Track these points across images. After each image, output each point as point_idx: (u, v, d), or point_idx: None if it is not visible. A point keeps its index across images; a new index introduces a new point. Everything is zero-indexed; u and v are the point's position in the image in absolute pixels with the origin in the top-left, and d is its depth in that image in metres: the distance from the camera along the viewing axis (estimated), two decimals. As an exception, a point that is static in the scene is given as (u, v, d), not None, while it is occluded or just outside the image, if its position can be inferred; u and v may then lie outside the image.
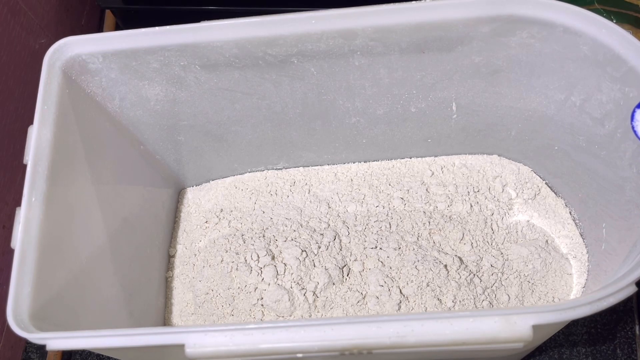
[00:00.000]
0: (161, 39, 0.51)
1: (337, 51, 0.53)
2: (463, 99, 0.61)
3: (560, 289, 0.62)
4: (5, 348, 0.66)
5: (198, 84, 0.57)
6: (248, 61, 0.54)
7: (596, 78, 0.50)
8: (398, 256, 0.63)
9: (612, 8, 0.68)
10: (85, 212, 0.55)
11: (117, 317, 0.58)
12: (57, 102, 0.51)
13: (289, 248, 0.63)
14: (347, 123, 0.64)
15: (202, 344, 0.39)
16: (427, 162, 0.71)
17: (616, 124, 0.51)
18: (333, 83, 0.58)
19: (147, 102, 0.59)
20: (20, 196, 0.47)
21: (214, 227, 0.70)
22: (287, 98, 0.60)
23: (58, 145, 0.50)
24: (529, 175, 0.69)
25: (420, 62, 0.55)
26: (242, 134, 0.66)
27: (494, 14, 0.49)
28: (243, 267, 0.63)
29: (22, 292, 0.44)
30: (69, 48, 0.52)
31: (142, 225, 0.65)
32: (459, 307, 0.60)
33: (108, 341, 0.40)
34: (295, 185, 0.72)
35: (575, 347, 0.64)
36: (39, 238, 0.46)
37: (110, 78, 0.55)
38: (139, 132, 0.63)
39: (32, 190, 0.47)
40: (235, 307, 0.63)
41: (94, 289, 0.55)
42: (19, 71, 0.67)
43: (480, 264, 0.63)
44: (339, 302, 0.62)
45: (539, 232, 0.66)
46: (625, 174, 0.52)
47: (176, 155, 0.68)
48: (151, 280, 0.66)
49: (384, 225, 0.66)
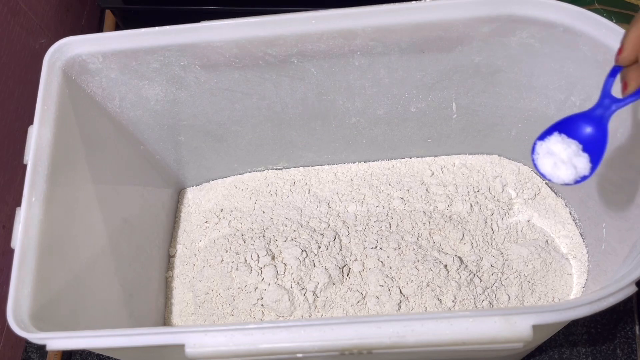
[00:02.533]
0: (161, 39, 0.51)
1: (337, 51, 0.53)
2: (463, 99, 0.61)
3: (560, 289, 0.62)
4: (5, 348, 0.66)
5: (198, 84, 0.57)
6: (248, 61, 0.54)
7: (596, 78, 0.50)
8: (398, 256, 0.63)
9: (612, 8, 0.68)
10: (85, 212, 0.55)
11: (117, 317, 0.58)
12: (57, 102, 0.51)
13: (289, 248, 0.63)
14: (347, 123, 0.64)
15: (202, 344, 0.39)
16: (427, 162, 0.71)
17: (616, 124, 0.51)
18: (333, 83, 0.58)
19: (147, 102, 0.59)
20: (20, 196, 0.47)
21: (214, 227, 0.70)
22: (287, 98, 0.60)
23: (58, 145, 0.50)
24: (529, 175, 0.69)
25: (420, 62, 0.55)
26: (242, 134, 0.66)
27: (494, 14, 0.49)
28: (243, 267, 0.63)
29: (22, 292, 0.44)
30: (69, 48, 0.52)
31: (142, 225, 0.65)
32: (459, 307, 0.60)
33: (108, 341, 0.40)
34: (295, 185, 0.72)
35: (575, 347, 0.64)
36: (39, 238, 0.46)
37: (110, 78, 0.55)
38: (139, 132, 0.63)
39: (32, 190, 0.47)
40: (235, 307, 0.63)
41: (94, 289, 0.55)
42: (19, 71, 0.67)
43: (480, 264, 0.63)
44: (339, 302, 0.62)
45: (539, 232, 0.66)
46: (626, 174, 0.52)
47: (176, 155, 0.68)
48: (151, 280, 0.66)
49: (384, 225, 0.66)
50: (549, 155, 0.40)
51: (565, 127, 0.40)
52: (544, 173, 0.40)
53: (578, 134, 0.40)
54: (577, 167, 0.40)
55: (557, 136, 0.40)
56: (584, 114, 0.40)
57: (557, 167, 0.40)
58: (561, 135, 0.40)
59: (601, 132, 0.39)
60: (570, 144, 0.40)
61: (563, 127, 0.40)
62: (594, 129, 0.40)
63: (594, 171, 0.40)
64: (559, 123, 0.40)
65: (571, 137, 0.40)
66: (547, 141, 0.41)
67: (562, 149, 0.40)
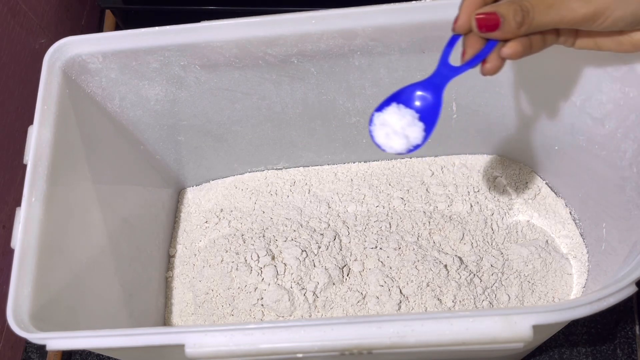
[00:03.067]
0: (161, 39, 0.51)
1: (337, 51, 0.53)
2: (463, 99, 0.61)
3: (561, 289, 0.62)
4: (5, 348, 0.66)
5: (198, 84, 0.57)
6: (248, 61, 0.54)
7: (596, 78, 0.50)
8: (398, 256, 0.63)
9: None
10: (85, 212, 0.55)
11: (117, 317, 0.58)
12: (57, 102, 0.51)
13: (289, 248, 0.63)
14: (347, 123, 0.64)
15: (202, 344, 0.39)
16: (427, 162, 0.71)
17: (616, 124, 0.51)
18: (333, 83, 0.58)
19: (147, 102, 0.59)
20: (20, 196, 0.47)
21: (214, 227, 0.70)
22: (287, 98, 0.60)
23: (58, 145, 0.50)
24: (529, 175, 0.69)
25: (420, 62, 0.55)
26: (242, 134, 0.66)
27: (494, 14, 0.49)
28: (243, 267, 0.63)
29: (22, 292, 0.44)
30: (69, 48, 0.52)
31: (142, 225, 0.65)
32: (459, 307, 0.60)
33: (108, 341, 0.40)
34: (295, 185, 0.72)
35: (576, 347, 0.64)
36: (39, 238, 0.46)
37: (110, 78, 0.55)
38: (139, 132, 0.63)
39: (32, 190, 0.47)
40: (235, 307, 0.63)
41: (94, 289, 0.55)
42: (19, 71, 0.67)
43: (480, 264, 0.63)
44: (339, 302, 0.62)
45: (539, 232, 0.66)
46: (626, 174, 0.52)
47: (176, 155, 0.68)
48: (151, 280, 0.66)
49: (384, 225, 0.66)
50: (383, 126, 0.41)
51: (402, 97, 0.40)
52: (378, 143, 0.41)
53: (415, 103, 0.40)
54: (410, 136, 0.40)
55: (394, 107, 0.40)
56: (421, 83, 0.40)
57: (389, 137, 0.40)
58: (398, 105, 0.40)
59: (436, 100, 0.40)
60: (406, 114, 0.40)
61: (400, 97, 0.40)
62: (430, 98, 0.40)
63: (426, 140, 0.40)
64: (396, 93, 0.40)
65: (408, 107, 0.40)
66: (384, 112, 0.41)
67: (396, 120, 0.40)
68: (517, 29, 0.37)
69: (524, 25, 0.37)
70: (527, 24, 0.37)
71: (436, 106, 0.40)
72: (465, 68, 0.39)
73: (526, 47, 0.39)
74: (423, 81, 0.40)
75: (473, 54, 0.39)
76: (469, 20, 0.38)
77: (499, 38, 0.38)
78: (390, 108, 0.41)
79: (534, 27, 0.38)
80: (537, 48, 0.39)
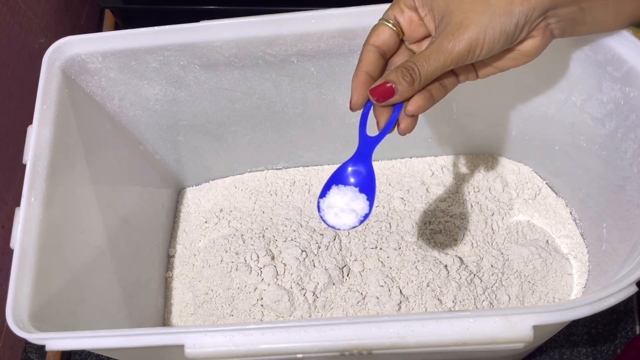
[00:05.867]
0: (161, 38, 0.51)
1: (337, 51, 0.53)
2: (463, 99, 0.61)
3: (561, 289, 0.62)
4: (5, 348, 0.66)
5: (198, 84, 0.57)
6: (248, 61, 0.54)
7: (597, 78, 0.50)
8: (398, 256, 0.62)
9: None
10: (85, 212, 0.55)
11: (117, 318, 0.58)
12: (56, 101, 0.51)
13: (288, 248, 0.63)
14: (347, 123, 0.64)
15: (201, 344, 0.39)
16: (427, 162, 0.71)
17: (617, 124, 0.51)
18: (333, 83, 0.58)
19: (146, 102, 0.59)
20: (19, 196, 0.47)
21: (213, 227, 0.70)
22: (287, 98, 0.60)
23: (57, 145, 0.50)
24: (530, 175, 0.69)
25: (421, 61, 0.55)
26: (242, 134, 0.65)
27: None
28: (243, 267, 0.62)
29: (22, 292, 0.44)
30: (69, 48, 0.52)
31: (142, 225, 0.65)
32: (459, 307, 0.60)
33: (107, 341, 0.40)
34: (295, 185, 0.72)
35: (576, 347, 0.64)
36: (38, 238, 0.46)
37: (110, 78, 0.55)
38: (138, 132, 0.63)
39: (32, 190, 0.47)
40: (235, 308, 0.63)
41: (93, 289, 0.55)
42: (19, 71, 0.67)
43: (480, 264, 0.62)
44: (339, 303, 0.62)
45: (539, 232, 0.66)
46: (626, 174, 0.52)
47: (176, 155, 0.68)
48: (151, 280, 0.66)
49: (384, 225, 0.66)
50: (330, 209, 0.43)
51: (339, 178, 0.43)
52: (331, 225, 0.43)
53: (351, 180, 0.43)
54: (356, 209, 0.43)
55: (334, 189, 0.43)
56: (351, 160, 0.43)
57: (338, 216, 0.43)
58: (338, 186, 0.43)
59: (369, 170, 0.43)
60: (347, 192, 0.43)
61: (337, 178, 0.43)
62: (363, 170, 0.43)
63: (371, 208, 0.43)
64: (333, 176, 0.43)
65: (347, 185, 0.43)
66: (328, 196, 0.43)
67: (339, 199, 0.43)
68: (411, 87, 0.40)
69: (415, 82, 0.40)
70: (417, 79, 0.40)
71: (370, 175, 0.43)
72: (383, 135, 0.42)
73: (428, 99, 0.41)
74: (351, 158, 0.43)
75: (385, 121, 0.42)
76: (362, 98, 0.42)
77: (400, 101, 0.41)
78: (332, 191, 0.43)
79: (425, 80, 0.40)
80: (439, 96, 0.42)
